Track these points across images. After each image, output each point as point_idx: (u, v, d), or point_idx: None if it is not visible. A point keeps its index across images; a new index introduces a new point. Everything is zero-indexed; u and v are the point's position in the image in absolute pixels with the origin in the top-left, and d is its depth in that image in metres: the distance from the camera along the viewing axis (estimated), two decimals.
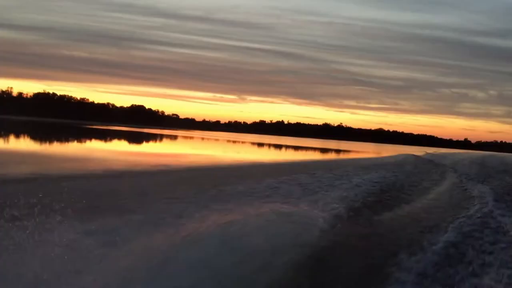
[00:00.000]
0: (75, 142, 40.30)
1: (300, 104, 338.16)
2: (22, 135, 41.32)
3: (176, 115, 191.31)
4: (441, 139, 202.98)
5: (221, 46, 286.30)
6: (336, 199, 10.28)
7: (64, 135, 48.71)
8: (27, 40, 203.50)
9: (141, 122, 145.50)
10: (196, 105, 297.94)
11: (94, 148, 33.83)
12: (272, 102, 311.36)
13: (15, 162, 17.85)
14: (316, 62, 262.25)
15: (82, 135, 53.01)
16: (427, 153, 51.28)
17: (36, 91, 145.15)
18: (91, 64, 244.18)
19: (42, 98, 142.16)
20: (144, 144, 46.37)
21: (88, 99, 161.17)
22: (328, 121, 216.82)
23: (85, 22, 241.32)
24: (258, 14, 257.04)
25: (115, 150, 31.86)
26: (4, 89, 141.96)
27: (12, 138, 37.65)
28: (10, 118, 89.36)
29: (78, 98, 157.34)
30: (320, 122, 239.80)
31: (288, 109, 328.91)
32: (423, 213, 10.55)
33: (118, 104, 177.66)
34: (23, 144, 32.83)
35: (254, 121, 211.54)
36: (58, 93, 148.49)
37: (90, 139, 45.07)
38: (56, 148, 31.28)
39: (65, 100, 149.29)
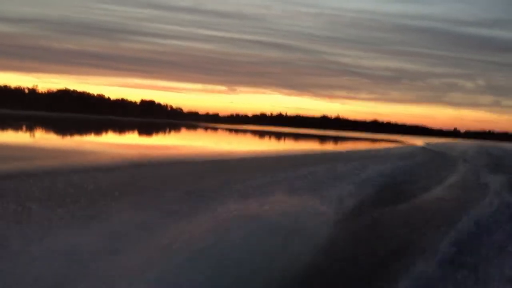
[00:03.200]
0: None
1: (290, 94, 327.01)
2: (61, 130, 42.00)
3: (180, 108, 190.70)
4: (432, 129, 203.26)
5: (211, 37, 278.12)
6: (345, 192, 9.98)
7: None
8: (16, 32, 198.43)
9: (151, 116, 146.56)
10: (186, 96, 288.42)
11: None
12: (262, 93, 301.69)
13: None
14: (306, 53, 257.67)
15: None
16: (427, 143, 51.66)
17: (25, 84, 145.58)
18: (81, 56, 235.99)
19: (62, 95, 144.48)
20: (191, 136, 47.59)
21: (104, 95, 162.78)
22: (318, 111, 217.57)
23: (75, 14, 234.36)
24: (248, 5, 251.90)
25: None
26: (29, 86, 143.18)
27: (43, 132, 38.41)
28: (37, 114, 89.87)
29: (95, 94, 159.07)
30: (309, 113, 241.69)
31: (278, 100, 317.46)
32: (438, 204, 10.32)
33: (110, 96, 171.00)
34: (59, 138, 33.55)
35: (254, 113, 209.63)
36: (49, 85, 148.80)
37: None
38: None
39: (84, 96, 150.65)
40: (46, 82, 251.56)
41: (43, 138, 31.38)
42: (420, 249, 6.16)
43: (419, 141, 60.99)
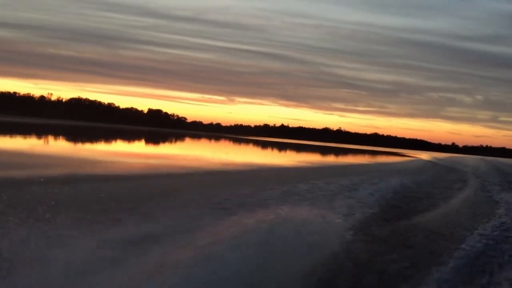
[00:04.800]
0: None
1: (288, 106, 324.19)
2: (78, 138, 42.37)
3: (184, 118, 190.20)
4: (431, 143, 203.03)
5: (210, 47, 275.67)
6: (357, 205, 9.77)
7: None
8: (14, 38, 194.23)
9: (157, 125, 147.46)
10: (184, 105, 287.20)
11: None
12: (260, 104, 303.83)
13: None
14: (305, 64, 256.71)
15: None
16: (434, 157, 51.75)
17: (22, 90, 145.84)
18: (78, 63, 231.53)
19: (75, 103, 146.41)
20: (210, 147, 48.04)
21: (114, 104, 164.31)
22: (316, 123, 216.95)
23: (73, 21, 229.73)
24: (248, 16, 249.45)
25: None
26: (44, 94, 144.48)
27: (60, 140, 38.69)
28: (54, 122, 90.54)
29: (106, 103, 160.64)
30: (307, 124, 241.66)
31: (276, 111, 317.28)
32: (448, 219, 10.12)
33: (120, 105, 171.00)
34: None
35: (256, 124, 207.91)
36: (46, 91, 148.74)
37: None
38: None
39: (96, 105, 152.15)
40: (43, 88, 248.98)
41: (55, 146, 31.08)
42: (432, 262, 6.15)
43: (424, 155, 61.13)
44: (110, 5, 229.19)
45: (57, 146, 31.36)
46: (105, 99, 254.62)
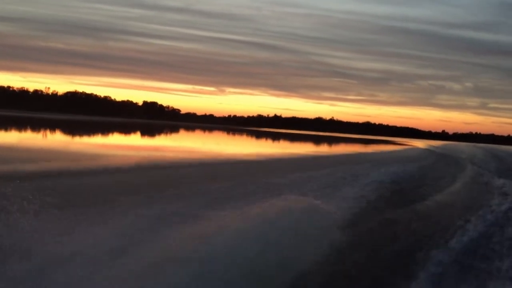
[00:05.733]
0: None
1: (278, 96, 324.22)
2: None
3: (178, 109, 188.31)
4: (421, 131, 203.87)
5: (200, 37, 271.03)
6: (355, 194, 9.73)
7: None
8: (2, 31, 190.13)
9: (153, 117, 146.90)
10: (175, 97, 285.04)
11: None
12: (251, 94, 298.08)
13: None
14: (295, 54, 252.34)
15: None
16: (429, 145, 51.93)
17: (10, 83, 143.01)
18: (68, 55, 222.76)
19: (71, 96, 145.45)
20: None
21: (110, 97, 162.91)
22: (306, 112, 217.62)
23: (62, 13, 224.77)
24: (238, 6, 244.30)
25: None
26: (40, 88, 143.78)
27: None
28: (50, 116, 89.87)
29: (102, 96, 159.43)
30: (298, 114, 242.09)
31: (267, 101, 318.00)
32: (445, 207, 10.12)
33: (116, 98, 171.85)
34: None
35: (249, 115, 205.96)
36: (34, 84, 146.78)
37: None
38: None
39: (92, 98, 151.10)
40: (32, 81, 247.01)
41: (57, 141, 31.06)
42: (430, 250, 6.16)
43: (419, 143, 61.41)
44: None
45: (64, 140, 31.07)
46: (94, 91, 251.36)
